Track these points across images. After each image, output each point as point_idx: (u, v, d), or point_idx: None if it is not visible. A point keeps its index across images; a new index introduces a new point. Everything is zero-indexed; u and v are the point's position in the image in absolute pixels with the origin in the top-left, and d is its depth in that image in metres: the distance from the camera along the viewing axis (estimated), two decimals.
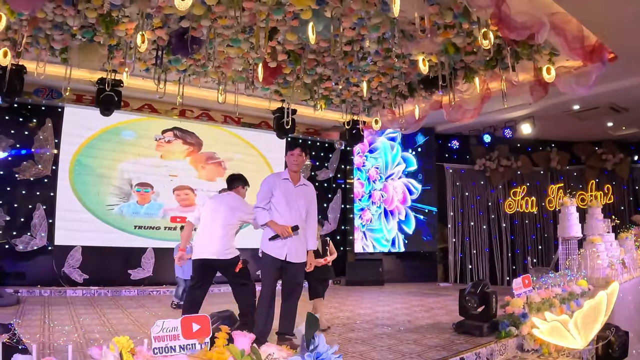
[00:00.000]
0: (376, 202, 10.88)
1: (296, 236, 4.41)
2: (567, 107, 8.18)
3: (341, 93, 8.29)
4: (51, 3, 5.21)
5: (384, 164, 10.90)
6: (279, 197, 4.39)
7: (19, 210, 7.73)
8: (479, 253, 10.41)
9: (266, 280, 4.43)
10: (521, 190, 10.30)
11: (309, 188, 4.63)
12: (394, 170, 10.77)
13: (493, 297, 5.11)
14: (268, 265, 4.41)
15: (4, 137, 7.61)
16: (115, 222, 8.54)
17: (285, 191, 4.42)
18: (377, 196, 10.89)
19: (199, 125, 9.57)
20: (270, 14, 5.51)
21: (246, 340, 1.55)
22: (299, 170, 4.60)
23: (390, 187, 10.78)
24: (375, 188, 10.95)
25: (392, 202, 10.74)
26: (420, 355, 4.29)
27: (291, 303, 4.47)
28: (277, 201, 4.37)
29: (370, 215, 10.85)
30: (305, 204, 4.52)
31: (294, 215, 4.40)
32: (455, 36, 5.95)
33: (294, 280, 4.46)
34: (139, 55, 6.67)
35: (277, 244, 4.34)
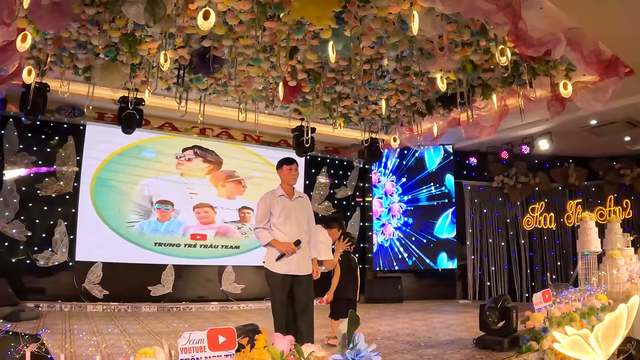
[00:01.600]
0: (396, 215, 10.85)
1: (302, 250, 4.47)
2: (584, 123, 8.17)
3: (360, 111, 8.38)
4: (76, 23, 5.40)
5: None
6: (279, 215, 4.48)
7: (41, 226, 7.88)
8: (497, 270, 10.31)
9: (278, 298, 4.46)
10: (539, 206, 10.23)
11: (304, 200, 4.74)
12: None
13: (513, 312, 5.08)
14: (278, 283, 4.43)
15: (26, 155, 7.80)
16: (135, 239, 8.65)
17: (284, 207, 4.51)
18: (396, 209, 10.88)
19: (218, 144, 9.72)
20: (291, 34, 5.64)
21: (285, 342, 1.59)
22: (294, 184, 4.69)
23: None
24: (393, 201, 10.93)
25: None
26: None
27: (307, 318, 4.50)
28: (278, 219, 4.47)
29: (392, 229, 10.81)
30: (305, 217, 4.62)
31: (297, 230, 4.49)
32: (472, 53, 6.03)
33: (305, 294, 4.49)
34: (160, 74, 6.85)
35: (284, 260, 4.40)
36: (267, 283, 4.56)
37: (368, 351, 1.26)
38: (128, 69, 6.54)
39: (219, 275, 9.29)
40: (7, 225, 7.52)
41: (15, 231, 7.57)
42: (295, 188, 4.72)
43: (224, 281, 9.29)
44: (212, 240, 9.41)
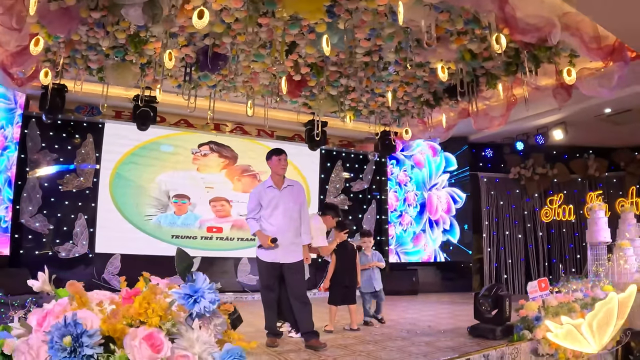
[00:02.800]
0: (412, 204, 10.83)
1: (290, 239, 4.65)
2: (599, 111, 7.95)
3: (368, 104, 8.43)
4: (84, 26, 5.68)
5: (428, 173, 10.81)
6: (266, 206, 4.69)
7: (62, 220, 8.29)
8: (514, 262, 10.16)
9: (263, 283, 4.82)
10: (558, 198, 10.00)
11: (295, 187, 4.86)
12: (438, 179, 10.66)
13: (506, 300, 5.06)
14: (263, 269, 4.74)
15: (48, 152, 8.23)
16: (153, 232, 8.98)
17: (272, 199, 4.70)
18: (411, 197, 10.86)
19: (234, 139, 9.95)
20: (287, 29, 5.76)
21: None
22: (284, 174, 4.84)
23: (434, 196, 10.65)
24: (408, 190, 10.92)
25: (436, 212, 10.63)
26: (426, 356, 4.32)
27: (301, 301, 4.67)
28: (265, 211, 4.69)
29: (410, 218, 10.80)
30: (296, 205, 4.76)
31: (284, 220, 4.66)
32: (469, 42, 5.99)
33: (295, 280, 4.69)
34: (169, 73, 7.11)
35: (270, 249, 4.61)
36: (257, 269, 4.89)
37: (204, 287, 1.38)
38: (138, 69, 6.82)
39: (235, 267, 9.53)
40: (30, 219, 7.96)
41: (38, 225, 8.01)
42: (285, 177, 4.86)
43: (240, 273, 9.52)
44: (228, 232, 9.65)
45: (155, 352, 1.24)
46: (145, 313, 1.32)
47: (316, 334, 4.62)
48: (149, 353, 1.23)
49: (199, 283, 1.41)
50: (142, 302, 1.34)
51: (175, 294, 1.40)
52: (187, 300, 1.38)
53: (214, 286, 1.41)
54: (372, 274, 6.05)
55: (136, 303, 1.35)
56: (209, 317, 1.41)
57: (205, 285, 1.40)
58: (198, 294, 1.39)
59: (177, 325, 1.35)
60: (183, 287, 1.40)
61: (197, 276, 1.41)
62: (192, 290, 1.40)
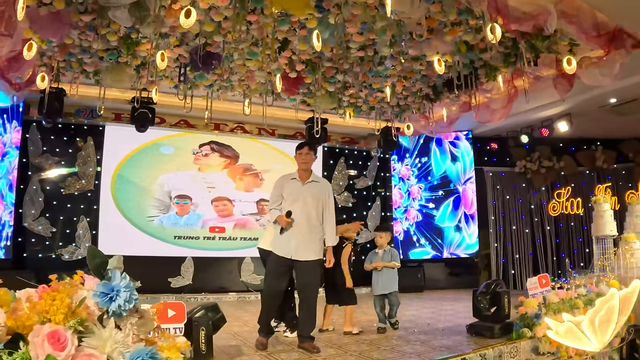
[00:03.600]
0: (417, 197, 10.70)
1: (304, 234, 4.44)
2: (603, 102, 7.74)
3: (367, 100, 8.33)
4: (76, 30, 5.67)
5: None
6: (287, 197, 4.55)
7: (65, 223, 8.36)
8: (522, 257, 9.98)
9: (269, 279, 4.60)
10: (565, 191, 9.80)
11: (320, 184, 4.68)
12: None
13: (505, 297, 4.94)
14: (271, 261, 4.56)
15: (49, 156, 8.29)
16: (155, 233, 9.00)
17: (293, 190, 4.54)
18: (415, 191, 10.74)
19: (235, 139, 9.92)
20: (277, 26, 5.69)
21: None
22: (309, 169, 4.67)
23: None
24: (411, 184, 10.78)
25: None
26: (420, 355, 4.23)
27: (307, 304, 4.50)
28: (285, 202, 4.54)
29: (415, 212, 10.67)
30: (315, 202, 4.54)
31: (301, 214, 4.45)
32: (464, 34, 5.87)
33: (303, 279, 4.51)
34: (165, 73, 7.09)
35: (283, 242, 4.44)
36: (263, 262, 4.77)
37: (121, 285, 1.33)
38: (132, 70, 6.81)
39: (238, 266, 9.51)
40: (33, 222, 8.04)
41: (41, 228, 8.07)
42: (313, 172, 4.73)
43: (243, 272, 9.50)
44: (230, 232, 9.64)
45: (57, 349, 1.20)
46: (49, 310, 1.27)
47: (312, 338, 4.50)
48: (51, 350, 1.19)
49: (115, 281, 1.36)
50: (46, 299, 1.30)
51: (91, 292, 1.34)
52: (103, 298, 1.33)
53: (131, 284, 1.35)
54: (381, 275, 5.50)
55: (42, 300, 1.31)
56: (126, 316, 1.36)
57: (122, 283, 1.35)
58: (113, 292, 1.33)
59: (88, 323, 1.29)
60: (98, 285, 1.35)
61: (113, 274, 1.36)
62: (108, 288, 1.35)
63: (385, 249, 5.60)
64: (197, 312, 3.62)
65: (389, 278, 5.51)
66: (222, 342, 4.93)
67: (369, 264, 5.57)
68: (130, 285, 1.36)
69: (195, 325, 3.45)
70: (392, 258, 5.56)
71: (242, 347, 4.73)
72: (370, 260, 5.59)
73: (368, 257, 5.63)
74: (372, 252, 5.67)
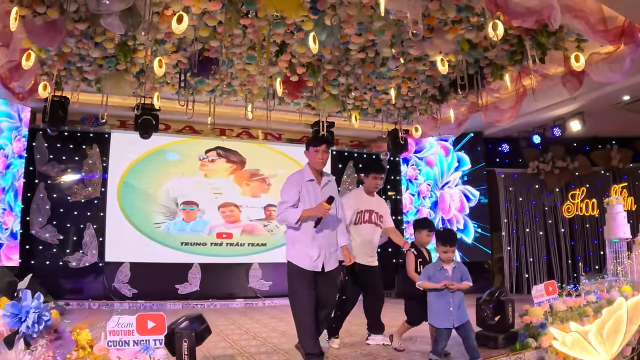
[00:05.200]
0: (427, 195, 10.55)
1: (329, 242, 4.15)
2: (617, 99, 7.46)
3: (372, 102, 8.18)
4: (72, 38, 5.67)
5: (440, 172, 10.48)
6: (305, 201, 4.07)
7: (72, 230, 8.40)
8: (535, 261, 9.69)
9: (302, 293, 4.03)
10: (580, 192, 9.49)
11: (332, 183, 4.34)
12: (451, 177, 10.30)
13: (509, 305, 4.73)
14: (298, 279, 4.04)
15: (56, 164, 8.37)
16: (162, 239, 8.98)
17: (314, 195, 4.10)
18: (424, 188, 10.58)
19: (241, 144, 9.86)
20: (272, 29, 5.60)
21: None
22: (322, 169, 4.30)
23: (447, 195, 10.29)
24: (425, 205, 10.59)
25: (449, 211, 10.28)
26: None
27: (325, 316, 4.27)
28: (303, 205, 4.06)
29: (427, 210, 10.49)
30: (334, 204, 4.14)
31: (324, 220, 4.06)
32: (466, 32, 5.69)
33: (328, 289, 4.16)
34: (166, 80, 7.06)
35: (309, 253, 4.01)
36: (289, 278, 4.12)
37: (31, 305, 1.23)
38: (132, 77, 6.80)
39: (246, 272, 9.43)
40: (40, 230, 8.11)
41: (48, 235, 8.14)
42: (323, 171, 4.33)
43: (251, 278, 9.42)
44: (238, 238, 9.57)
45: None
46: None
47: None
48: None
49: (25, 301, 1.26)
50: None
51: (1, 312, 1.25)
52: (13, 319, 1.24)
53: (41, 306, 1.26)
54: (452, 300, 4.02)
55: None
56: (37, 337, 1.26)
57: (33, 304, 1.25)
58: (23, 312, 1.24)
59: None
60: (7, 305, 1.25)
61: (24, 294, 1.26)
62: (17, 309, 1.25)
63: (454, 264, 4.18)
64: (180, 322, 3.53)
65: (462, 303, 4.11)
66: (219, 352, 4.85)
67: (427, 281, 4.14)
68: (41, 307, 1.25)
69: (177, 337, 3.36)
70: (463, 276, 4.14)
71: (237, 357, 4.64)
72: (430, 277, 4.12)
73: (425, 274, 4.18)
74: (432, 267, 4.21)
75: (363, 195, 5.14)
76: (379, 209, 5.11)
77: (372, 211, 5.06)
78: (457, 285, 4.01)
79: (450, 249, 4.11)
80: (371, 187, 5.15)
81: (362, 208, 5.02)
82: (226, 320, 7.01)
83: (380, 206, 5.18)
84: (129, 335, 2.97)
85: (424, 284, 4.15)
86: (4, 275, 1.46)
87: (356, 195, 5.22)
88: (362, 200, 5.08)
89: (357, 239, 4.94)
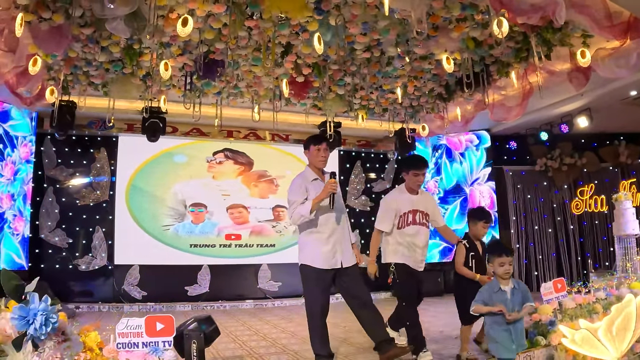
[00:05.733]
0: (434, 192, 10.47)
1: (342, 238, 4.10)
2: (624, 95, 7.39)
3: (379, 102, 8.18)
4: (78, 43, 5.71)
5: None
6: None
7: (81, 234, 8.48)
8: (545, 258, 9.64)
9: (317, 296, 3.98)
10: (589, 189, 9.43)
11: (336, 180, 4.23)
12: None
13: None
14: (314, 279, 3.99)
15: (64, 168, 8.45)
16: (171, 242, 9.03)
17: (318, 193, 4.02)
18: (432, 185, 10.51)
19: (249, 145, 9.90)
20: (277, 30, 5.61)
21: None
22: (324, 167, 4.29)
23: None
24: (427, 180, 10.51)
25: None
26: None
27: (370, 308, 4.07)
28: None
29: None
30: (340, 199, 4.18)
31: (335, 218, 4.05)
32: (471, 30, 5.67)
33: (358, 284, 4.05)
34: (172, 82, 7.10)
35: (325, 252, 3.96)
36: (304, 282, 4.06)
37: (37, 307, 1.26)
38: (139, 81, 6.84)
39: (255, 273, 9.46)
40: (50, 234, 8.18)
41: (57, 239, 8.22)
42: (324, 169, 4.33)
43: (261, 279, 9.45)
44: (247, 239, 9.60)
45: None
46: None
47: (392, 340, 4.11)
48: None
49: (32, 304, 1.30)
50: None
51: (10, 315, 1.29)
52: (20, 321, 1.27)
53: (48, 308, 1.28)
54: (513, 327, 3.48)
55: None
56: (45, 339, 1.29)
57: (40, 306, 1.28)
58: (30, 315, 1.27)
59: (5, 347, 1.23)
60: (15, 308, 1.29)
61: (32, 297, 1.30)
62: (25, 311, 1.28)
63: (513, 284, 3.54)
64: (189, 324, 3.56)
65: (522, 327, 3.60)
66: (229, 353, 4.89)
67: (482, 305, 3.47)
68: (48, 309, 1.28)
69: (186, 338, 3.39)
70: (523, 297, 3.56)
71: (246, 358, 4.66)
72: (485, 301, 3.48)
73: (480, 298, 3.51)
74: (487, 290, 3.54)
75: (404, 195, 4.64)
76: (425, 207, 4.63)
77: (417, 211, 4.56)
78: (515, 316, 3.41)
79: (507, 259, 3.47)
80: (413, 185, 4.62)
81: (404, 210, 4.54)
82: (236, 322, 7.04)
83: (427, 204, 4.70)
84: (138, 337, 2.99)
85: (478, 308, 3.48)
86: (11, 279, 1.48)
87: (396, 195, 4.72)
88: (403, 201, 4.59)
89: (404, 244, 4.49)
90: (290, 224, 4.21)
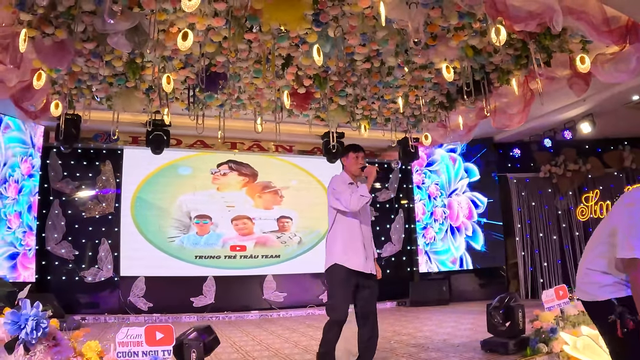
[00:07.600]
0: (438, 219, 10.47)
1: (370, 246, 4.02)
2: (626, 99, 7.39)
3: (381, 112, 8.21)
4: (81, 58, 5.81)
5: (447, 179, 10.46)
6: None
7: (87, 246, 8.55)
8: (550, 265, 9.58)
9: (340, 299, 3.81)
10: (594, 195, 9.38)
11: None
12: (458, 185, 10.31)
13: (519, 311, 4.70)
14: (348, 279, 3.83)
15: (70, 180, 8.55)
16: (176, 253, 9.08)
17: None
18: (439, 213, 10.49)
19: (253, 157, 9.96)
20: (277, 42, 5.67)
21: None
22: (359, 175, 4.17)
23: (454, 202, 10.31)
24: (437, 205, 10.54)
25: (457, 218, 10.25)
26: None
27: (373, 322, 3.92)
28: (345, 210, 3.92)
29: (433, 234, 10.44)
30: (369, 209, 4.17)
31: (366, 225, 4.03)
32: (469, 38, 5.71)
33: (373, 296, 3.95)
34: (175, 95, 7.19)
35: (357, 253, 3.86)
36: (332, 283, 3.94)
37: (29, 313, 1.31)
38: (142, 94, 6.93)
39: (260, 284, 9.47)
40: (56, 246, 8.26)
41: (63, 251, 8.29)
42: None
43: (266, 290, 9.46)
44: (251, 250, 9.63)
45: None
46: None
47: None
48: None
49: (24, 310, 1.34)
50: None
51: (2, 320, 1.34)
52: (13, 326, 1.32)
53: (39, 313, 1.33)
54: None
55: None
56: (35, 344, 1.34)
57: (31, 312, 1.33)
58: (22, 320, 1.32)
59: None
60: (7, 313, 1.34)
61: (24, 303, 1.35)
62: (16, 316, 1.33)
63: None
64: (189, 333, 3.58)
65: None
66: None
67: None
68: (39, 315, 1.33)
69: (186, 348, 3.41)
70: None
71: None
72: None
73: None
74: None
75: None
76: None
77: None
78: None
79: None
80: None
81: None
82: (240, 332, 7.04)
83: None
84: (138, 346, 3.02)
85: None
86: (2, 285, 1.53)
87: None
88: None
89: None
90: (349, 208, 3.97)
